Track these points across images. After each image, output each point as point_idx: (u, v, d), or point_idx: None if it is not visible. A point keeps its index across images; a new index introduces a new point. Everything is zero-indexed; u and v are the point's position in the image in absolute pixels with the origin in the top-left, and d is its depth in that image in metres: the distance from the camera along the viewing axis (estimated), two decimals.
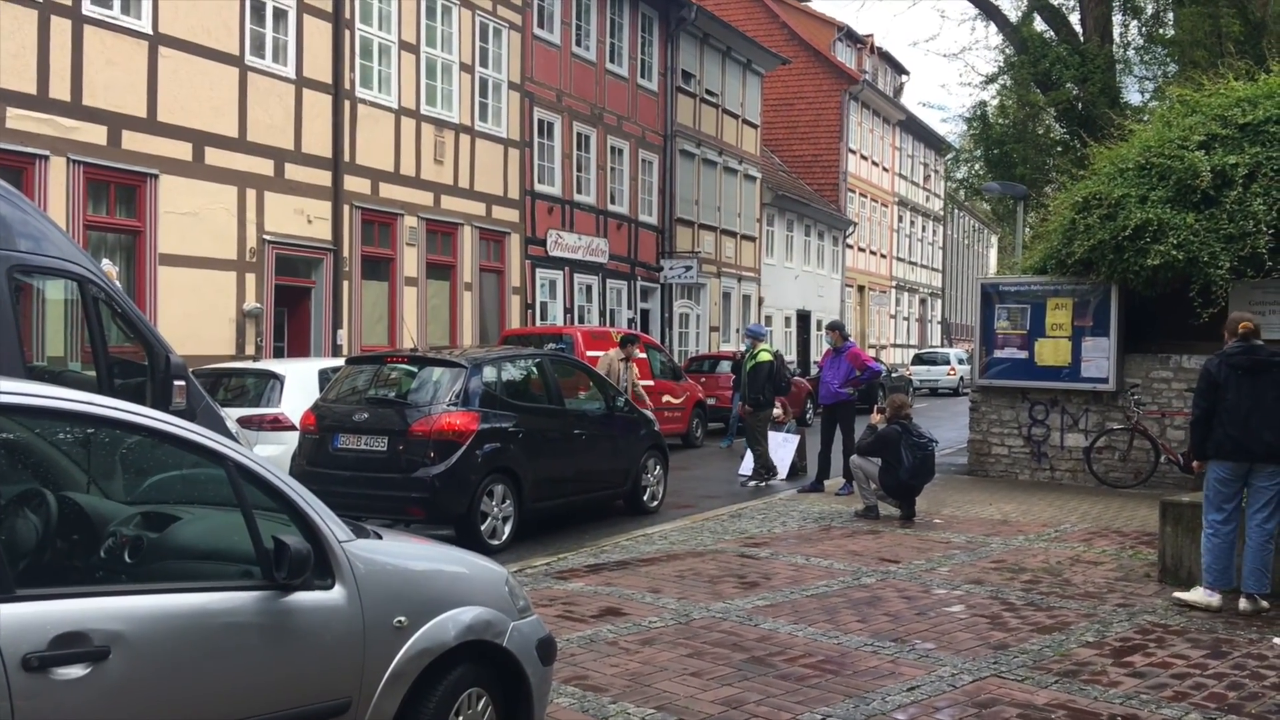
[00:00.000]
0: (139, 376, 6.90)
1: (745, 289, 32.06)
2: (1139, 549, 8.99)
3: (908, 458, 10.26)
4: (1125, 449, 12.82)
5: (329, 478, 8.61)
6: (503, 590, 4.00)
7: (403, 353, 11.98)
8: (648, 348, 18.64)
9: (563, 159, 22.59)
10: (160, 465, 3.47)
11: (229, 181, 15.01)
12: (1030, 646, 6.03)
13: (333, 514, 3.48)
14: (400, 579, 3.62)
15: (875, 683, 5.35)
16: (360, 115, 17.29)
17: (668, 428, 15.63)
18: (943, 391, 35.48)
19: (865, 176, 42.63)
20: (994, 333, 13.76)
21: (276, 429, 10.29)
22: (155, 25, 13.98)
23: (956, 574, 8.02)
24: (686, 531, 9.90)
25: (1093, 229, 12.24)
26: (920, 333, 50.75)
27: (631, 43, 25.21)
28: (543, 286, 22.19)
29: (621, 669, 5.53)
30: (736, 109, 31.08)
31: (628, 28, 25.02)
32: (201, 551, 3.30)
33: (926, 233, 52.04)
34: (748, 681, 5.34)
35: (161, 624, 2.89)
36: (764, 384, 13.42)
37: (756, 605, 6.93)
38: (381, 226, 17.92)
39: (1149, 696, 5.20)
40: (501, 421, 9.35)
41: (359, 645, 3.36)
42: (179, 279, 14.19)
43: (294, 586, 3.18)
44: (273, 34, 15.83)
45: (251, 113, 15.37)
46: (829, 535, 9.71)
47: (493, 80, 20.42)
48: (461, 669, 3.69)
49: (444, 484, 8.79)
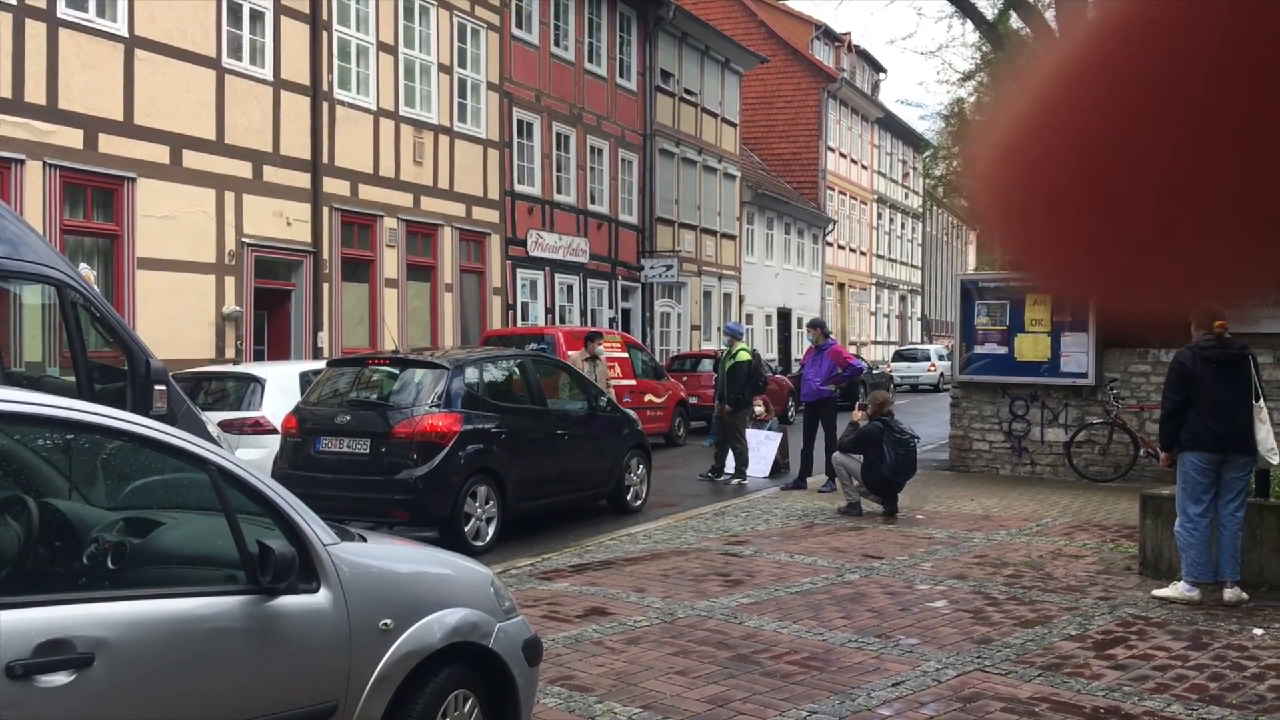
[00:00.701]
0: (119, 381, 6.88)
1: (726, 287, 32.11)
2: (1119, 542, 9.03)
3: (890, 454, 10.29)
4: (1105, 443, 12.89)
5: (311, 481, 8.56)
6: (488, 591, 4.00)
7: (384, 355, 11.93)
8: (629, 347, 18.69)
9: (542, 159, 22.54)
10: (142, 470, 3.46)
11: (207, 184, 14.92)
12: (1013, 640, 6.06)
13: (317, 517, 3.47)
14: (385, 581, 3.62)
15: (860, 679, 5.36)
16: (339, 117, 17.22)
17: (650, 427, 15.64)
18: (923, 388, 35.59)
19: (844, 174, 42.77)
20: (974, 329, 13.79)
21: (258, 432, 10.26)
22: (131, 28, 13.88)
23: (939, 569, 8.06)
24: (670, 530, 9.91)
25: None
26: (900, 329, 50.96)
27: (610, 42, 25.19)
28: (524, 287, 22.15)
29: (607, 668, 5.53)
30: (715, 108, 31.11)
31: (606, 27, 25.00)
32: (185, 556, 3.30)
33: (906, 230, 52.24)
34: (733, 679, 5.35)
35: (146, 630, 2.88)
36: (744, 383, 13.46)
37: (741, 603, 6.95)
38: (361, 228, 17.85)
39: (1131, 688, 5.23)
40: (484, 422, 9.34)
41: (345, 648, 3.35)
42: (157, 283, 14.11)
43: (279, 590, 3.16)
44: (250, 36, 15.75)
45: (229, 115, 15.29)
46: (812, 532, 9.74)
47: (471, 81, 20.37)
48: (448, 671, 3.69)
49: (427, 486, 8.79)
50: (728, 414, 13.58)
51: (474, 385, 9.53)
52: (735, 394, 13.50)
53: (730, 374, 13.56)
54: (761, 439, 14.18)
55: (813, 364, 12.64)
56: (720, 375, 13.97)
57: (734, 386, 13.49)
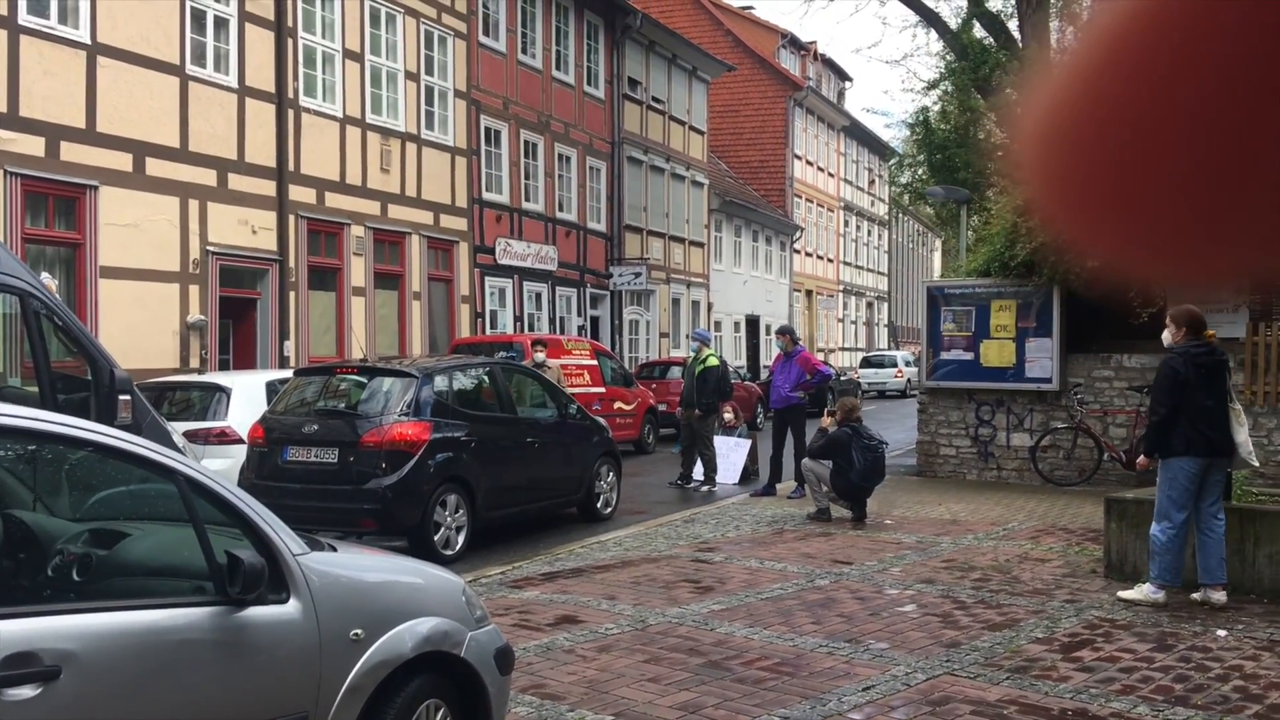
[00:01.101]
0: (83, 391, 6.82)
1: (694, 295, 32.16)
2: (1085, 545, 9.10)
3: (858, 460, 10.34)
4: (1070, 447, 12.98)
5: (279, 491, 8.47)
6: (459, 600, 3.99)
7: (352, 363, 11.88)
8: (598, 355, 18.68)
9: (510, 167, 22.50)
10: (108, 481, 3.43)
11: (171, 192, 14.78)
12: (982, 644, 6.10)
13: (286, 527, 3.45)
14: (356, 591, 3.60)
15: (831, 683, 5.38)
16: (304, 124, 17.10)
17: (620, 434, 15.61)
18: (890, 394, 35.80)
19: (811, 182, 43.00)
20: (940, 335, 13.88)
21: (223, 442, 10.16)
22: (94, 35, 13.72)
23: (908, 574, 8.10)
24: (640, 537, 9.91)
25: (1034, 232, 12.34)
26: (868, 336, 51.25)
27: (577, 50, 25.20)
28: (492, 295, 22.09)
29: (579, 676, 5.53)
30: (683, 115, 31.19)
31: (573, 35, 25.00)
32: (152, 568, 3.28)
33: (872, 237, 52.58)
34: (705, 686, 5.35)
35: (113, 642, 2.86)
36: (714, 389, 13.48)
37: (712, 609, 6.95)
38: (328, 236, 17.74)
39: (1098, 690, 5.26)
40: (453, 431, 9.32)
41: (315, 659, 3.34)
42: (121, 292, 13.95)
43: (248, 601, 3.15)
44: (214, 43, 15.62)
45: (193, 122, 15.15)
46: (782, 538, 9.76)
47: (438, 88, 20.30)
48: (419, 680, 3.68)
49: (396, 495, 8.75)
50: (697, 419, 13.60)
51: (443, 394, 9.51)
52: (706, 399, 13.51)
53: (700, 379, 13.57)
54: (731, 445, 14.21)
55: (782, 371, 12.70)
56: (688, 381, 13.97)
57: (704, 392, 13.51)
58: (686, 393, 13.91)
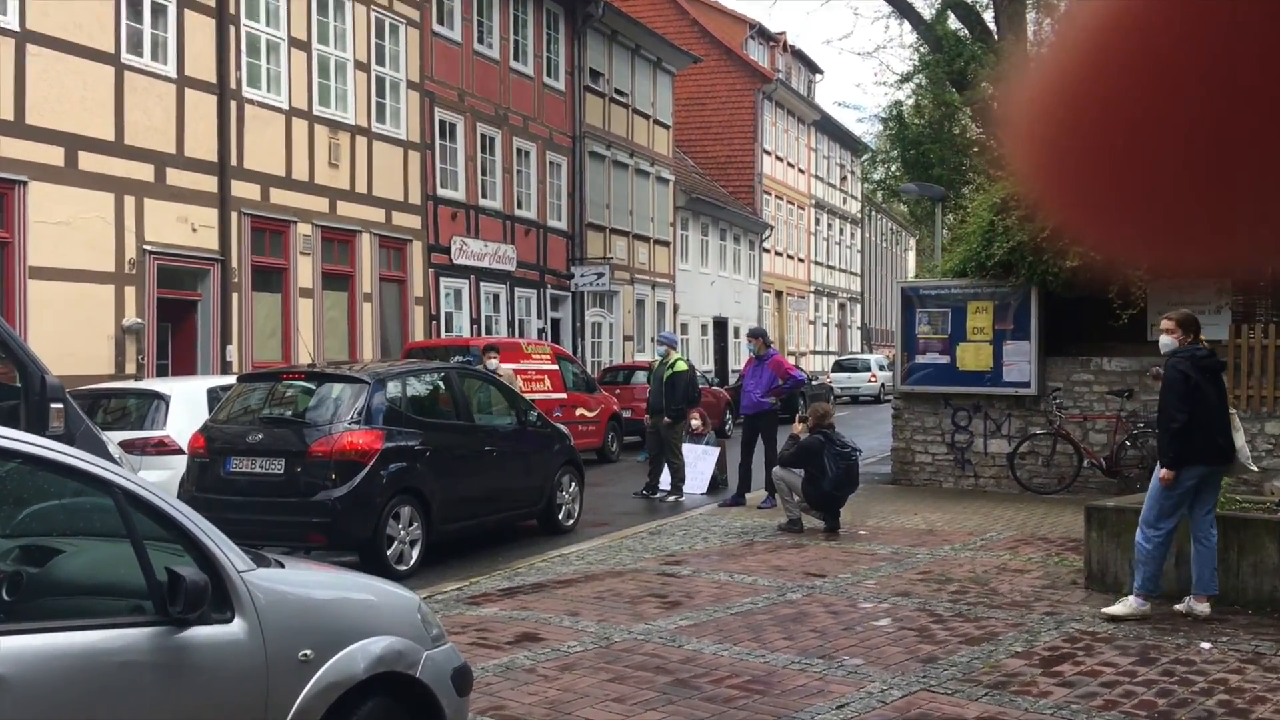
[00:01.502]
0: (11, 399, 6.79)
1: (660, 296, 31.76)
2: (1065, 555, 9.04)
3: (831, 468, 10.24)
4: (1048, 454, 12.82)
5: (221, 504, 8.32)
6: (414, 618, 3.97)
7: (299, 369, 11.82)
8: (560, 359, 18.53)
9: (466, 162, 22.13)
10: (39, 494, 3.41)
11: (105, 188, 14.47)
12: (959, 659, 6.04)
13: (230, 542, 3.41)
14: (304, 609, 3.59)
15: (804, 701, 5.34)
16: (248, 116, 16.76)
17: (582, 442, 15.38)
18: (864, 399, 35.52)
19: (781, 178, 42.68)
20: (915, 338, 13.76)
21: (162, 453, 10.00)
22: (23, 21, 13.43)
23: (883, 586, 8.05)
24: (604, 550, 9.81)
25: (1012, 230, 12.33)
26: (840, 339, 50.98)
27: (536, 40, 24.79)
28: (447, 296, 21.73)
29: (540, 697, 5.46)
30: (647, 109, 30.80)
31: (532, 24, 24.59)
32: (88, 586, 3.28)
33: (844, 236, 52.34)
34: (673, 705, 5.30)
35: (48, 665, 2.84)
36: (684, 394, 13.27)
37: (679, 625, 6.91)
38: (273, 235, 17.41)
39: (1079, 706, 5.23)
40: (407, 440, 9.19)
41: (262, 681, 3.32)
42: (52, 293, 13.68)
43: (190, 621, 3.12)
44: (151, 30, 15.31)
45: (129, 114, 14.84)
46: (752, 550, 9.66)
47: (390, 79, 19.89)
48: (372, 703, 3.67)
49: (346, 507, 8.62)
50: (666, 427, 13.34)
51: (396, 400, 9.42)
52: (675, 405, 13.29)
53: (669, 385, 13.32)
54: (699, 454, 14.06)
55: (753, 375, 12.55)
56: (655, 386, 13.71)
57: (673, 398, 13.26)
58: (654, 399, 13.69)
